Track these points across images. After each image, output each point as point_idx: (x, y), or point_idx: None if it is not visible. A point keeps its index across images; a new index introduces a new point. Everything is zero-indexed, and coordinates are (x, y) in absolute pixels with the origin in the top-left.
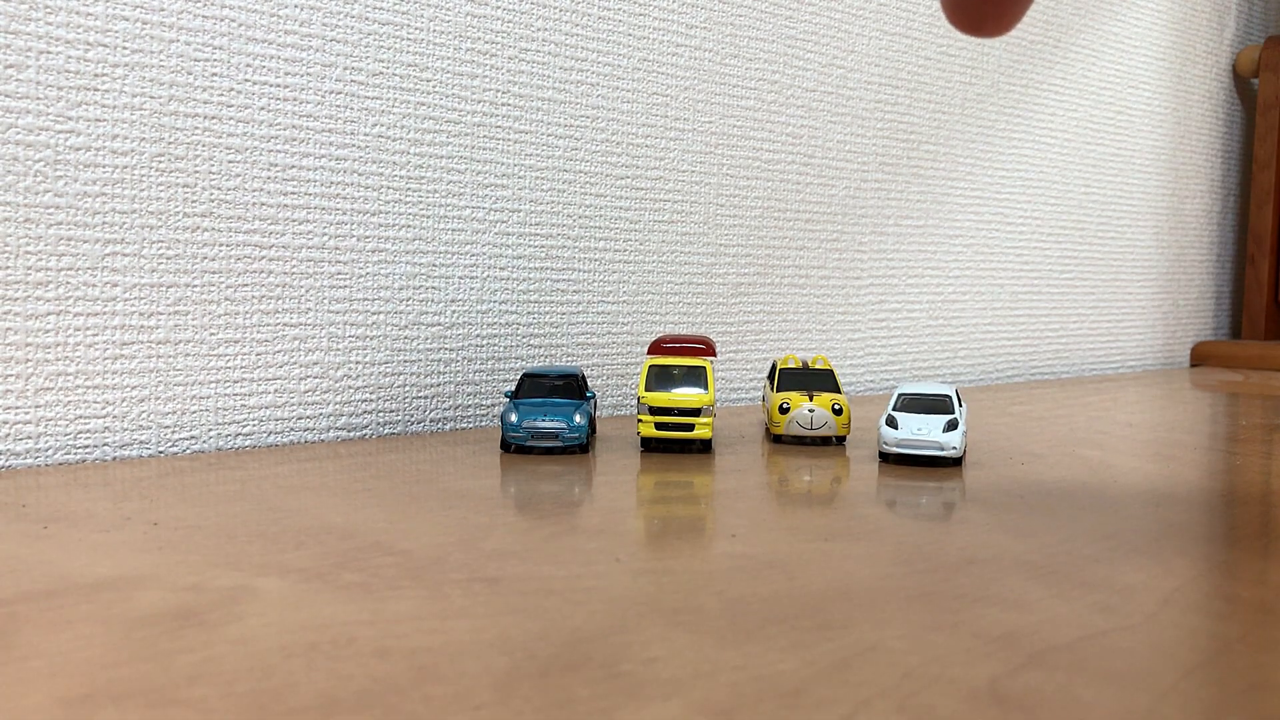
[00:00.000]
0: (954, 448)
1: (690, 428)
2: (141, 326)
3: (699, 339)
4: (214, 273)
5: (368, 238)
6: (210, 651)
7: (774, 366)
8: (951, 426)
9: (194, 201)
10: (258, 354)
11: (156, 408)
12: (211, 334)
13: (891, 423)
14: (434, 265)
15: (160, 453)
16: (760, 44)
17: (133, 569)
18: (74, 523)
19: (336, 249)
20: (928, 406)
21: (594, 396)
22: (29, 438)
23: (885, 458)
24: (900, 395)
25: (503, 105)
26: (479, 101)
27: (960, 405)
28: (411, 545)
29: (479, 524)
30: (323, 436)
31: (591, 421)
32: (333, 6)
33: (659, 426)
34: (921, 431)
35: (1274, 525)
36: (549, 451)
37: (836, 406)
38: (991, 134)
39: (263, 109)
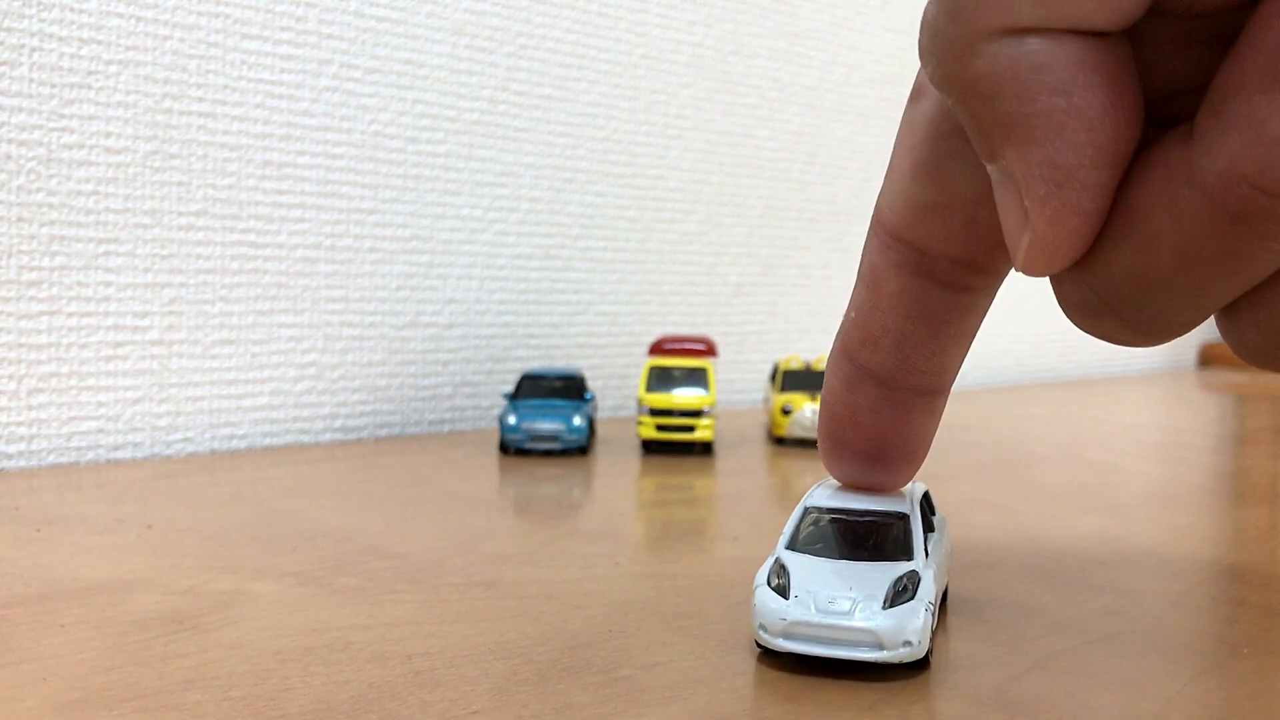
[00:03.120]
0: (906, 643)
1: (691, 429)
2: (135, 327)
3: (700, 339)
4: (208, 272)
5: (364, 237)
6: (205, 656)
7: (776, 368)
8: (903, 590)
9: (188, 200)
10: (253, 355)
11: (150, 409)
12: (206, 334)
13: (780, 584)
14: (431, 265)
15: (154, 455)
16: (762, 41)
17: (126, 572)
18: (67, 526)
19: (332, 248)
20: (859, 542)
21: (593, 398)
22: (21, 439)
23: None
24: (809, 512)
25: (501, 103)
26: (477, 99)
27: (928, 533)
28: (408, 549)
29: (477, 527)
30: (319, 438)
31: (591, 423)
32: (328, 2)
33: (659, 428)
34: (835, 605)
35: None
36: (548, 454)
37: None
38: None
39: (258, 106)
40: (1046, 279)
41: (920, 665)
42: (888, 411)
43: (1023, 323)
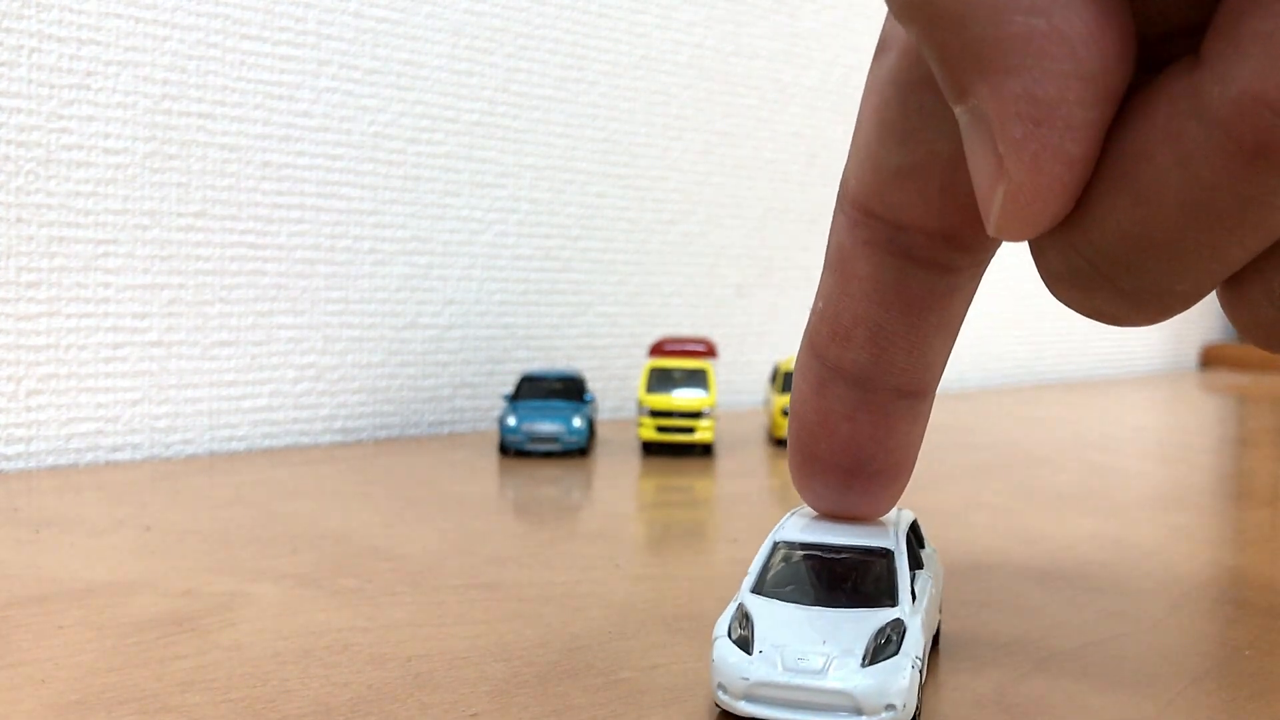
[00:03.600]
0: (888, 706)
1: (691, 431)
2: (134, 328)
3: (700, 341)
4: (208, 273)
5: (364, 238)
6: (204, 658)
7: (776, 369)
8: (885, 643)
9: (187, 201)
10: (252, 356)
11: (149, 410)
12: (205, 336)
13: (742, 636)
14: (431, 266)
15: (153, 456)
16: (762, 42)
17: (125, 574)
18: (66, 527)
19: (332, 249)
20: (836, 584)
21: (593, 399)
22: (20, 441)
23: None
24: (778, 548)
25: (501, 103)
26: (476, 99)
27: (917, 570)
28: (408, 550)
29: (476, 529)
30: (318, 440)
31: (591, 425)
32: (328, 3)
33: (659, 429)
34: (806, 662)
35: None
36: (548, 455)
37: None
38: None
39: (257, 107)
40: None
41: None
42: (865, 418)
43: (1023, 324)
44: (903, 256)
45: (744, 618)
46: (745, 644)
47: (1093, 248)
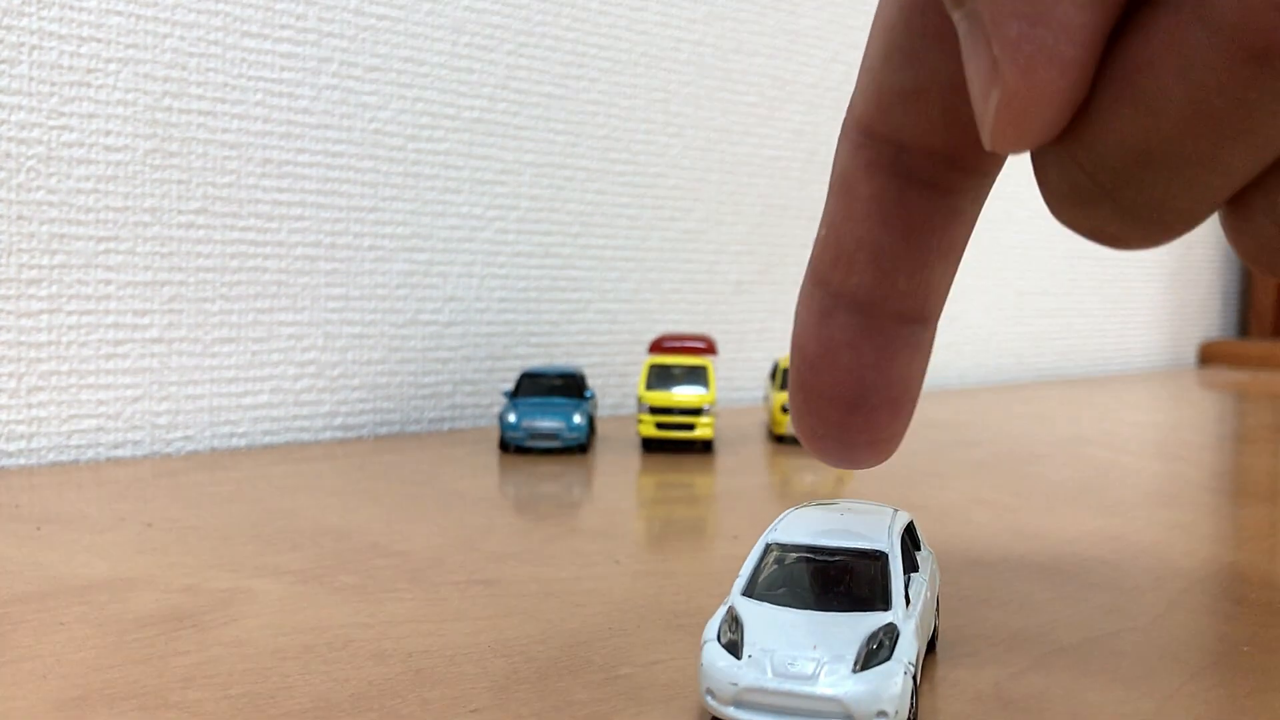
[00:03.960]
0: (880, 713)
1: (691, 427)
2: (135, 325)
3: (700, 337)
4: (208, 270)
5: (364, 235)
6: (205, 654)
7: (776, 365)
8: (878, 648)
9: (188, 198)
10: (253, 352)
11: (150, 407)
12: (206, 332)
13: (732, 640)
14: (431, 263)
15: (154, 453)
16: (762, 38)
17: (126, 570)
18: (67, 524)
19: (332, 246)
20: (829, 587)
21: (593, 396)
22: (21, 437)
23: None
24: (770, 550)
25: (501, 100)
26: (477, 96)
27: (911, 573)
28: (408, 547)
29: (477, 525)
30: (319, 436)
31: (591, 421)
32: (328, 0)
33: (659, 426)
34: (796, 667)
35: None
36: (548, 451)
37: None
38: None
39: (258, 104)
40: (1052, 276)
41: None
42: (867, 345)
43: (1023, 320)
44: (905, 178)
45: (734, 621)
46: (734, 648)
47: (1094, 161)
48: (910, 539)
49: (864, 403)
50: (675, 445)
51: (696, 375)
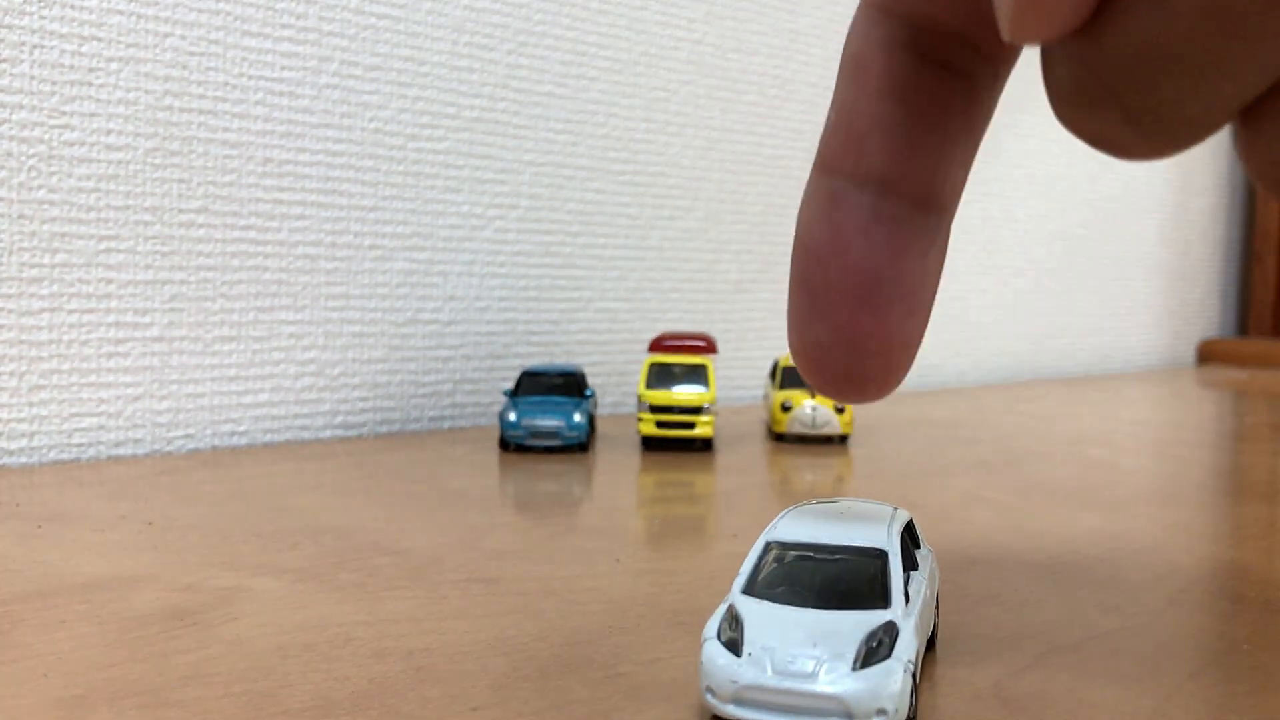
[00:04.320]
0: (880, 711)
1: (691, 426)
2: (136, 324)
3: (700, 336)
4: (209, 269)
5: (365, 234)
6: (206, 652)
7: (776, 364)
8: (877, 646)
9: (189, 197)
10: (254, 351)
11: (151, 406)
12: (207, 331)
13: (732, 639)
14: (432, 262)
15: (155, 451)
16: (762, 38)
17: (128, 569)
18: (68, 522)
19: (333, 245)
20: (829, 585)
21: (594, 394)
22: (23, 436)
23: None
24: (770, 548)
25: (501, 100)
26: (477, 96)
27: (911, 571)
28: (409, 545)
29: (477, 523)
30: (319, 435)
31: (591, 420)
32: None
33: (660, 425)
34: (796, 665)
35: None
36: (548, 450)
37: (839, 405)
38: (996, 129)
39: (258, 103)
40: (1051, 275)
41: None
42: (880, 231)
43: (1022, 320)
44: (920, 57)
45: (734, 619)
46: (734, 646)
47: (1104, 60)
48: (910, 537)
49: (876, 295)
50: (675, 444)
51: (697, 374)
